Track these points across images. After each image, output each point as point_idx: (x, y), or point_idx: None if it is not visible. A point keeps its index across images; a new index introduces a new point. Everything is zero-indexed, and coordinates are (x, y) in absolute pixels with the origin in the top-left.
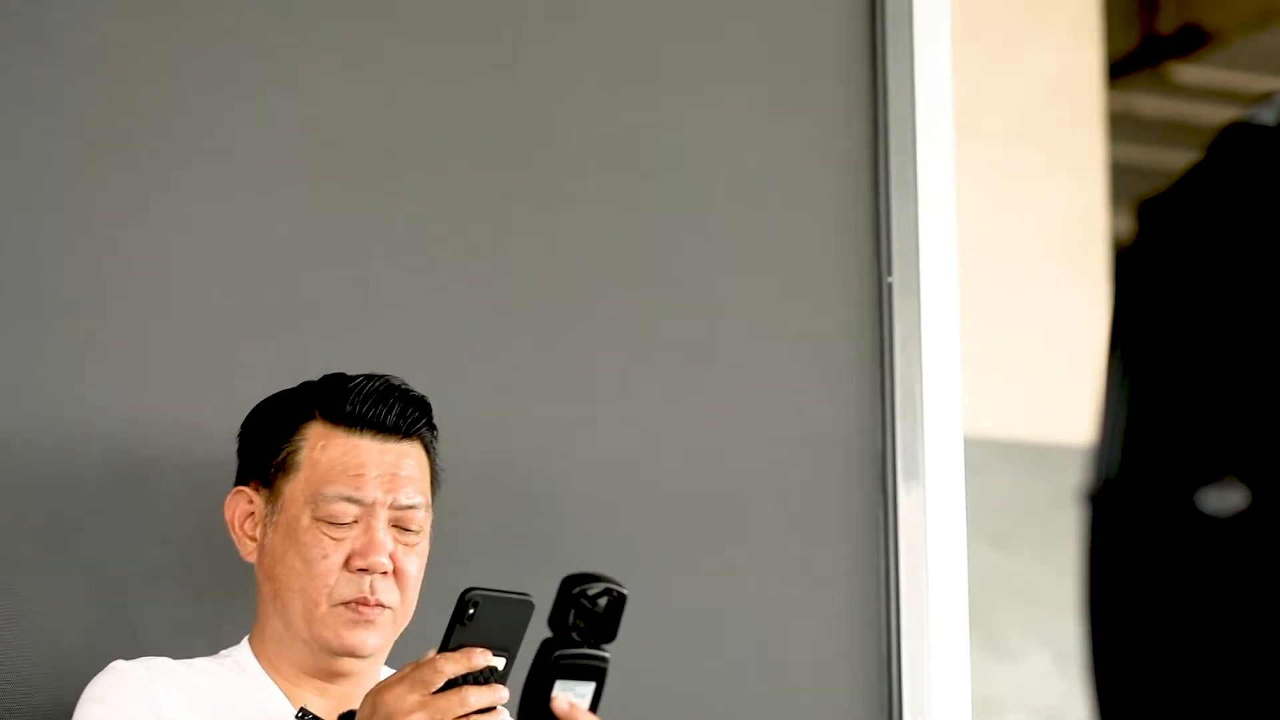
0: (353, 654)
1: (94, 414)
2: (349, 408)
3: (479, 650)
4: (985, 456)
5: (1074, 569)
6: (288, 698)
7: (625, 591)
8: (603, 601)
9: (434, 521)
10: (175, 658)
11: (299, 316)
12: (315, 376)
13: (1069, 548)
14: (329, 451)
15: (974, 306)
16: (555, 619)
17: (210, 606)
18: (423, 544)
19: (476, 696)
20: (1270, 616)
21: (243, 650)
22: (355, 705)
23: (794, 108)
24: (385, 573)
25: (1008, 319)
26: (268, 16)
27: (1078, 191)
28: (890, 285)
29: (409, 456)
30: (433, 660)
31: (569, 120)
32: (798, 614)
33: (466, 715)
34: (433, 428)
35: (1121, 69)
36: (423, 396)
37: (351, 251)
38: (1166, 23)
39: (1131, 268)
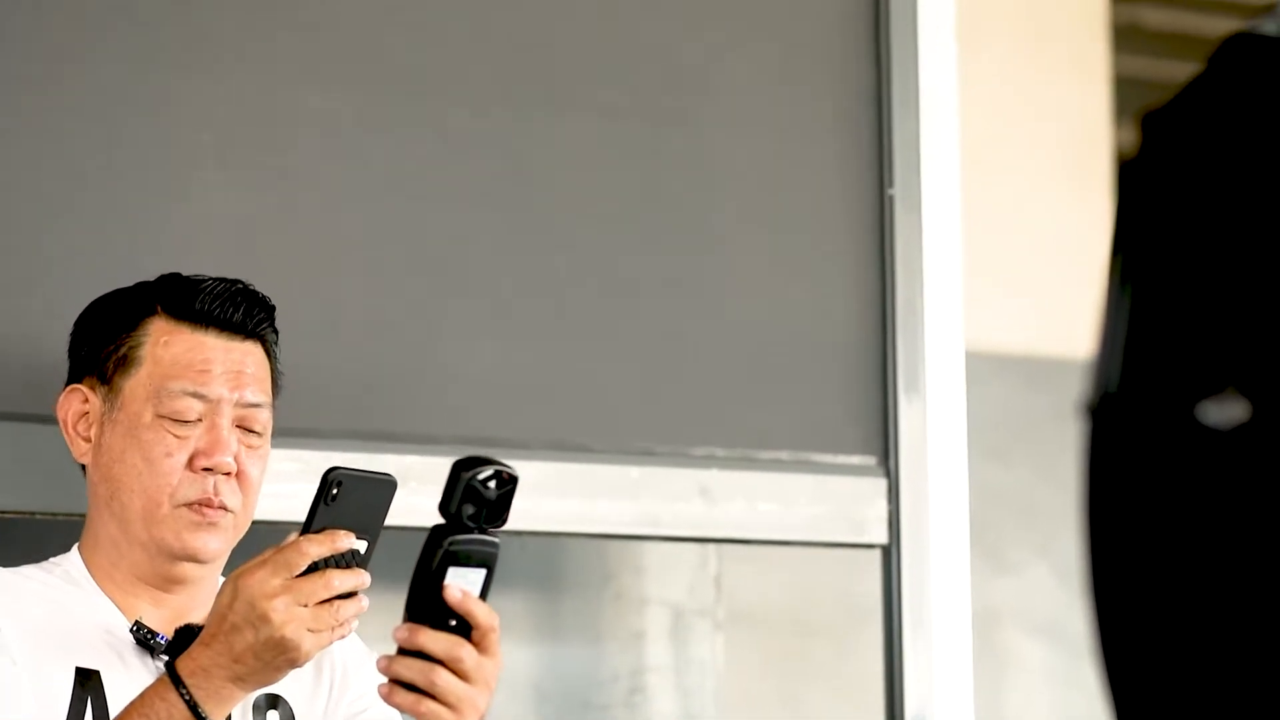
0: (194, 558)
1: None
2: (197, 304)
3: (342, 532)
4: (985, 370)
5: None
6: (121, 609)
7: (516, 474)
8: (493, 485)
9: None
10: None
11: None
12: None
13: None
14: (173, 347)
15: (975, 219)
16: (445, 504)
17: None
18: (265, 447)
19: (340, 580)
20: (1270, 528)
21: (73, 559)
22: (193, 616)
23: (794, 17)
24: (229, 473)
25: (1009, 231)
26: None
27: (1081, 103)
28: (892, 197)
29: (253, 355)
30: (296, 543)
31: (571, 34)
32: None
33: (330, 599)
34: (275, 330)
35: None
36: (268, 298)
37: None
38: None
39: (1134, 179)
